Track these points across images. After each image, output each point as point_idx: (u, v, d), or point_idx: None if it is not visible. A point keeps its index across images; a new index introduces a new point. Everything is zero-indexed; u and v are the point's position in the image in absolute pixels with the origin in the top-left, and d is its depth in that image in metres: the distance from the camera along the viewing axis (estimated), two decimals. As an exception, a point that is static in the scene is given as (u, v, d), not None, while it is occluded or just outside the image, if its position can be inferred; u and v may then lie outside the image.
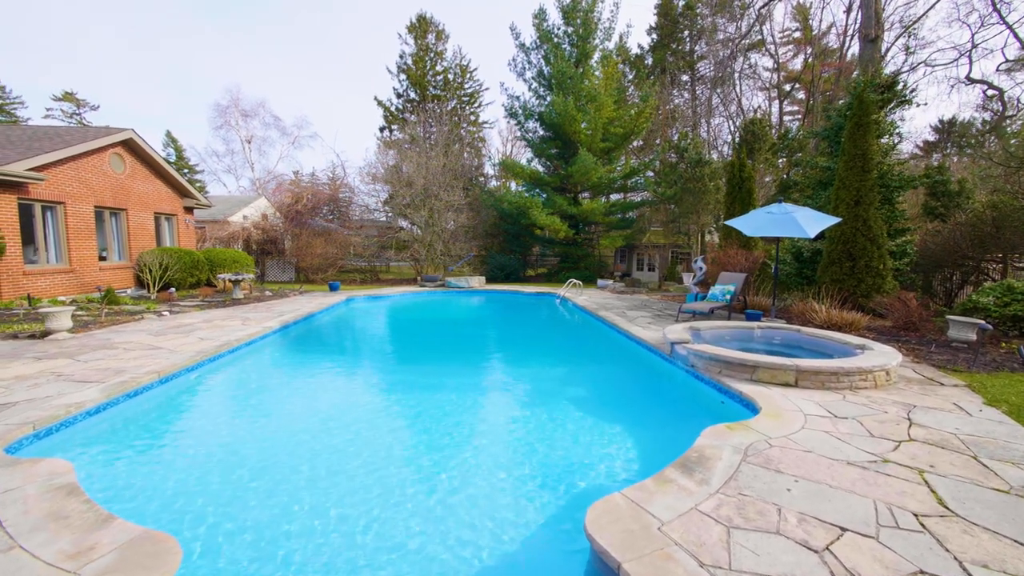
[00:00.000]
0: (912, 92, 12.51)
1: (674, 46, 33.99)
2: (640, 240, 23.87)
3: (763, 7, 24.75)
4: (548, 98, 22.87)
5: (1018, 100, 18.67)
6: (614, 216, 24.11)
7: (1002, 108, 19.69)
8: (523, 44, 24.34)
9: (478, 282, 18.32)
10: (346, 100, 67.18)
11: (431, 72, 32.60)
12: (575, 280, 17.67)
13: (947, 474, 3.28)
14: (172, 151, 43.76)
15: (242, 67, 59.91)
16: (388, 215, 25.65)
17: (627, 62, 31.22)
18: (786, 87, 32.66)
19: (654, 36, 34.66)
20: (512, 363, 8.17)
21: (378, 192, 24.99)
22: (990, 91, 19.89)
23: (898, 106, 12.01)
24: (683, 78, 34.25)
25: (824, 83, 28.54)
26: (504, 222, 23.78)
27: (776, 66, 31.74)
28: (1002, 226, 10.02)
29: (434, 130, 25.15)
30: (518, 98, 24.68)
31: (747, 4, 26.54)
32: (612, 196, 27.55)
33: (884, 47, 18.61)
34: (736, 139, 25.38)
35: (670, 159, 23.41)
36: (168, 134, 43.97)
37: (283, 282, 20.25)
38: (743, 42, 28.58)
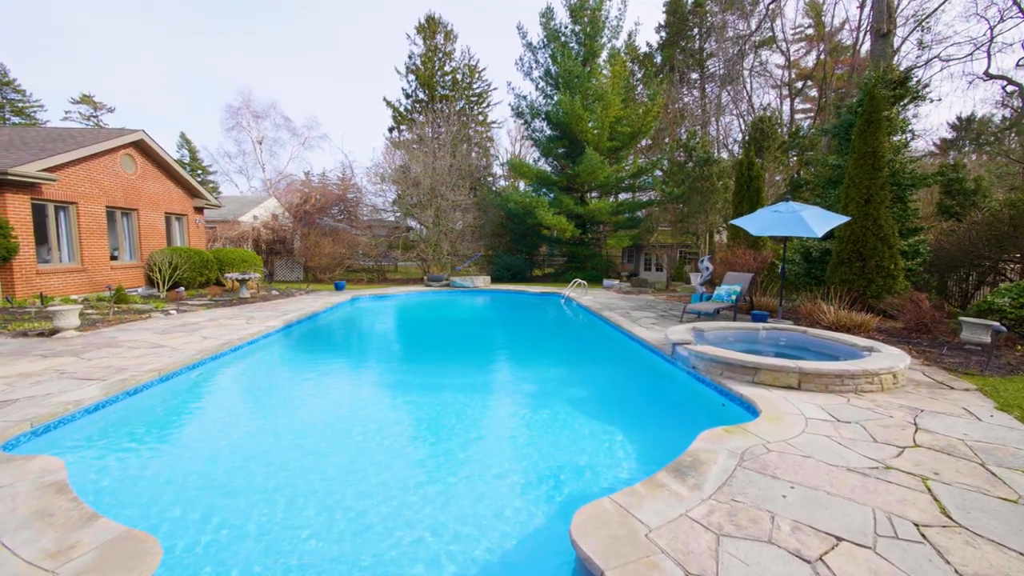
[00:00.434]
0: (925, 88, 12.20)
1: (683, 44, 33.64)
2: (648, 240, 23.63)
3: (772, 3, 24.39)
4: (555, 97, 22.75)
5: (1039, 96, 18.19)
6: (621, 216, 23.91)
7: (1022, 104, 19.16)
8: (530, 43, 24.26)
9: (483, 282, 18.31)
10: (355, 101, 67.86)
11: (440, 72, 32.68)
12: (580, 280, 17.55)
13: (952, 482, 3.16)
14: (186, 152, 44.50)
15: (253, 68, 60.79)
16: (396, 215, 25.75)
17: (635, 60, 30.98)
18: (798, 84, 32.13)
19: (663, 34, 34.35)
20: (509, 363, 8.11)
21: (384, 192, 25.12)
22: (1009, 87, 19.37)
23: (911, 102, 11.72)
24: (692, 76, 33.90)
25: (837, 80, 28.04)
26: (511, 222, 23.74)
27: (787, 63, 31.25)
28: (1020, 225, 9.69)
29: (442, 130, 25.18)
30: (525, 97, 24.64)
31: (756, 0, 26.17)
32: (620, 196, 27.35)
33: (897, 42, 18.21)
34: (745, 137, 25.01)
35: (678, 158, 23.15)
36: (182, 135, 44.73)
37: (291, 281, 20.43)
38: (753, 39, 28.18)
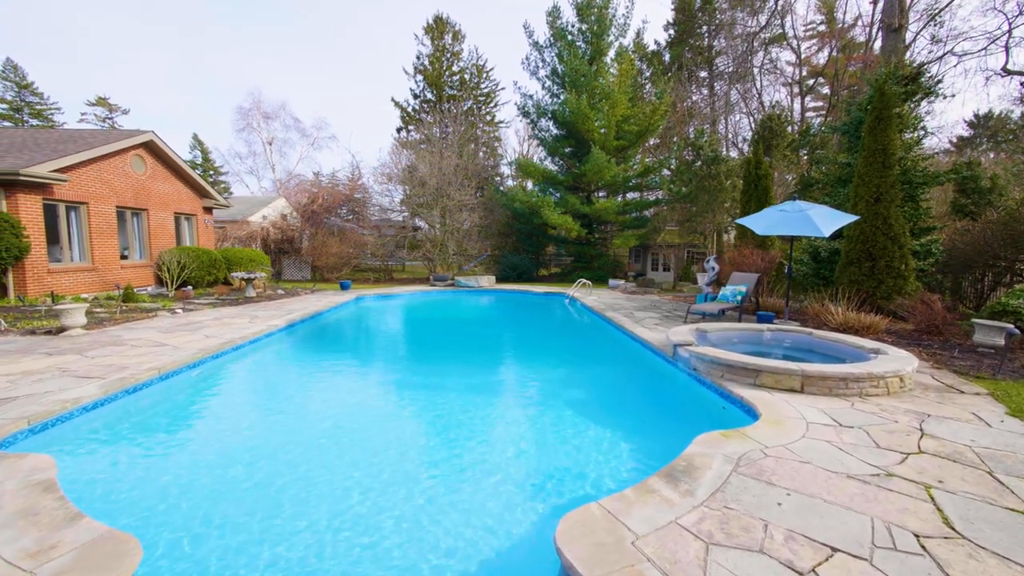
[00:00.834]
0: (938, 83, 11.87)
1: (692, 41, 33.29)
2: (654, 240, 23.40)
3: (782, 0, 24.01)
4: (561, 96, 22.64)
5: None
6: (628, 215, 23.72)
7: (1041, 100, 18.63)
8: (536, 42, 24.16)
9: (487, 281, 18.27)
10: (363, 101, 68.27)
11: (447, 73, 32.73)
12: (584, 280, 17.44)
13: (956, 491, 3.05)
14: (199, 153, 45.13)
15: (263, 69, 61.41)
16: (403, 215, 25.83)
17: (643, 58, 30.69)
18: (809, 82, 31.61)
19: (671, 32, 34.00)
20: (509, 364, 8.06)
21: (391, 192, 25.19)
22: (1029, 83, 18.84)
23: (923, 98, 11.42)
24: (701, 74, 33.52)
25: (849, 77, 27.52)
26: (517, 221, 23.67)
27: (798, 60, 30.76)
28: (1037, 225, 9.43)
29: (450, 130, 25.21)
30: (531, 97, 24.56)
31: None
32: (627, 195, 27.14)
33: (910, 37, 17.81)
34: (754, 136, 24.67)
35: (687, 157, 22.90)
36: (195, 137, 45.40)
37: (298, 281, 20.58)
38: (763, 35, 27.78)
